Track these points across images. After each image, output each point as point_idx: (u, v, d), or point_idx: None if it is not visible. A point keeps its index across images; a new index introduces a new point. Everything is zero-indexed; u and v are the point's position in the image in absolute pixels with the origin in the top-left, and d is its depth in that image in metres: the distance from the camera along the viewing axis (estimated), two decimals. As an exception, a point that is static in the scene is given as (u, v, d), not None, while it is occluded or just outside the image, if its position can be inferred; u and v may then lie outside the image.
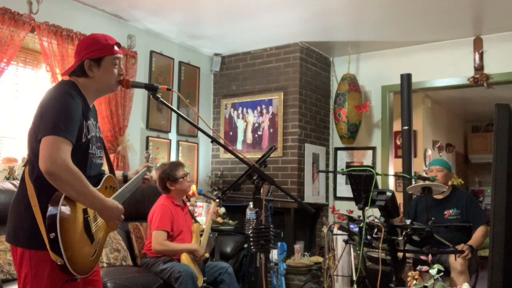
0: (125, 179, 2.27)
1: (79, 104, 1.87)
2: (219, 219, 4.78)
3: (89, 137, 1.92)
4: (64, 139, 1.74)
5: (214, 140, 2.08)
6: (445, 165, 4.08)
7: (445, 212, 3.94)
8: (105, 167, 2.14)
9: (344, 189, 5.51)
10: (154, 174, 2.42)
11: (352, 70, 5.49)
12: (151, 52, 4.97)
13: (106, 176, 2.04)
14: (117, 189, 2.10)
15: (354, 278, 3.72)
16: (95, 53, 1.94)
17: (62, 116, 1.78)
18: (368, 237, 3.10)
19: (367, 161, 5.50)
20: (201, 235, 3.70)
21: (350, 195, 3.56)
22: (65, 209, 1.75)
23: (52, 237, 1.69)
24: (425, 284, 2.09)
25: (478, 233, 3.77)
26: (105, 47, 1.96)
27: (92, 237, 1.88)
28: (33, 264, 1.78)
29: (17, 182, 2.77)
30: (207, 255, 3.63)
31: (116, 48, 1.99)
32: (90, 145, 1.93)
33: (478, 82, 4.90)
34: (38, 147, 1.75)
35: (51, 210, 1.73)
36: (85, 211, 1.85)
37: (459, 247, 3.56)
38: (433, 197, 3.94)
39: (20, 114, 3.92)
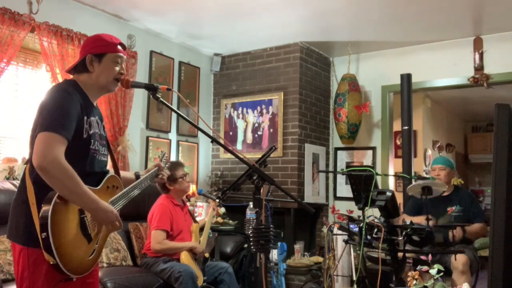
0: (137, 178, 2.28)
1: (77, 100, 1.87)
2: (219, 219, 4.78)
3: (90, 132, 1.93)
4: (58, 136, 1.75)
5: (214, 140, 2.08)
6: (447, 163, 4.08)
7: (448, 209, 3.97)
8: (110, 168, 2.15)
9: (344, 189, 5.50)
10: (167, 172, 2.44)
11: (352, 70, 5.49)
12: (151, 52, 4.97)
13: (108, 175, 2.03)
14: (122, 189, 2.09)
15: (354, 278, 3.71)
16: (97, 49, 1.98)
17: (57, 113, 1.80)
18: (368, 237, 3.10)
19: (367, 161, 5.50)
20: (200, 235, 3.70)
21: (350, 195, 3.56)
22: (58, 209, 1.75)
23: (43, 237, 1.70)
24: (425, 284, 2.09)
25: (476, 226, 3.84)
26: (108, 44, 2.00)
27: (90, 237, 1.87)
28: (31, 261, 1.79)
29: (17, 182, 2.78)
30: (207, 255, 3.63)
31: (119, 47, 2.03)
32: (92, 141, 1.93)
33: (478, 82, 4.90)
34: None
35: (43, 210, 1.73)
36: (81, 211, 1.85)
37: (455, 232, 3.64)
38: None
39: (20, 114, 3.92)
